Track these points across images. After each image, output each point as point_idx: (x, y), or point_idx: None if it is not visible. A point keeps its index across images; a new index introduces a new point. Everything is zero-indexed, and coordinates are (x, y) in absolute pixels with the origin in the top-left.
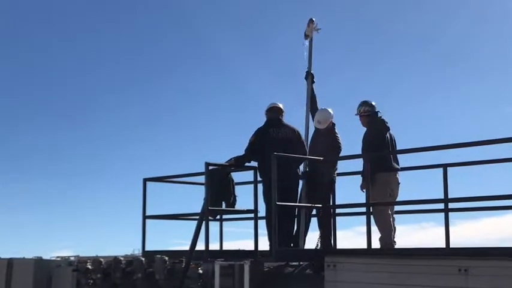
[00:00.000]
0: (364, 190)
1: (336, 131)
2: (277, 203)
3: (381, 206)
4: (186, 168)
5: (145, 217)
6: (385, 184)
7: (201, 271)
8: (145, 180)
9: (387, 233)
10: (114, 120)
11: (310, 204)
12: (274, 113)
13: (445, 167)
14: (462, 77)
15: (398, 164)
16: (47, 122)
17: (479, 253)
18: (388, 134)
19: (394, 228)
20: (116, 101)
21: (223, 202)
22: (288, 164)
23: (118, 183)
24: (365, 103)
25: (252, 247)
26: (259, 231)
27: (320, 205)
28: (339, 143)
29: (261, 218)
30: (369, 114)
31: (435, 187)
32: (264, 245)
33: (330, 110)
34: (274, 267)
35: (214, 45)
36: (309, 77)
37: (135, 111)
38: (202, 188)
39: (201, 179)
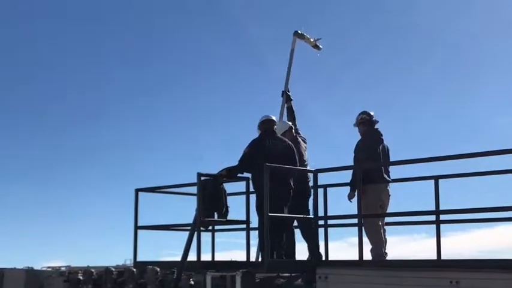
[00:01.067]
0: (351, 200)
1: (299, 140)
2: (270, 214)
3: (372, 218)
4: (179, 179)
5: (137, 227)
6: (375, 195)
7: (192, 282)
8: (137, 191)
9: (378, 245)
10: (105, 129)
11: (303, 216)
12: (268, 125)
13: (436, 178)
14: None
15: (389, 176)
16: (36, 132)
17: (471, 265)
18: (381, 146)
19: (385, 239)
20: (110, 111)
21: (215, 213)
22: (283, 176)
23: (109, 194)
24: (363, 112)
25: (244, 258)
26: (251, 242)
27: (311, 217)
28: (297, 154)
29: (253, 229)
30: (365, 122)
31: (427, 199)
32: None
33: (283, 121)
34: (265, 278)
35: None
36: (284, 95)
37: (128, 120)
38: (195, 198)
39: (194, 189)
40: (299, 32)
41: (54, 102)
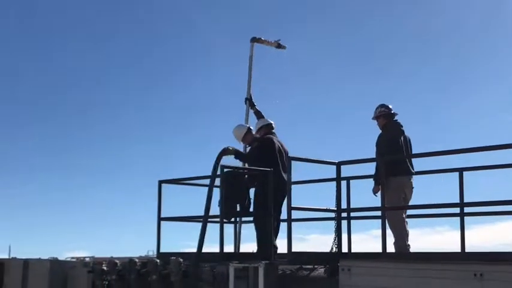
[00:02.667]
0: (376, 194)
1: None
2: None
3: (395, 211)
4: (202, 170)
5: (160, 219)
6: (398, 188)
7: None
8: (160, 182)
9: (402, 238)
10: (130, 120)
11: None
12: (269, 128)
13: (460, 171)
14: (478, 81)
15: (413, 168)
16: (62, 122)
17: (495, 258)
18: (402, 138)
19: (407, 232)
20: (133, 101)
21: (237, 205)
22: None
23: (133, 185)
24: (382, 105)
25: None
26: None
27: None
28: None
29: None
30: (384, 114)
31: (449, 191)
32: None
33: (240, 124)
34: (288, 270)
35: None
36: (248, 102)
37: (151, 112)
38: (217, 190)
39: (217, 181)
40: (256, 37)
41: (77, 92)
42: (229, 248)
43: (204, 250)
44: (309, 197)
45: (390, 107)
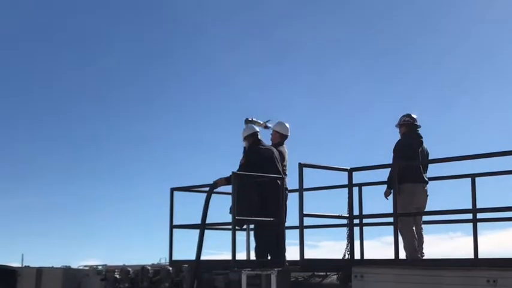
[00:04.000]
0: (388, 198)
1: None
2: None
3: (405, 217)
4: (214, 177)
5: (172, 226)
6: (411, 195)
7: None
8: (172, 190)
9: (411, 243)
10: (142, 128)
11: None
12: (256, 137)
13: (473, 177)
14: (489, 83)
15: (426, 177)
16: (71, 128)
17: (509, 264)
18: (420, 148)
19: (422, 238)
20: (145, 109)
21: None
22: (274, 180)
23: (145, 193)
24: (407, 115)
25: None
26: (287, 240)
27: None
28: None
29: (288, 227)
30: (407, 124)
31: (462, 197)
32: (290, 255)
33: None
34: (301, 277)
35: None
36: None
37: (163, 119)
38: (230, 197)
39: (228, 188)
40: (249, 119)
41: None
42: (241, 255)
43: (217, 257)
44: (321, 204)
45: (415, 117)
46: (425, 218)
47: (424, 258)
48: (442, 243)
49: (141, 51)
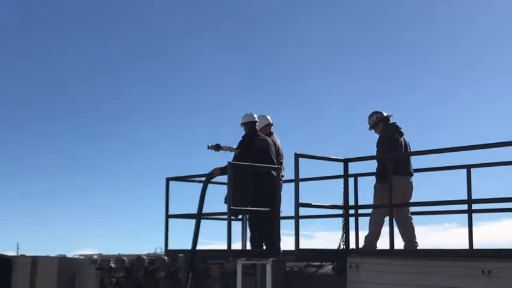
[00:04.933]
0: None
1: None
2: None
3: (379, 209)
4: (210, 167)
5: (168, 216)
6: (399, 187)
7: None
8: (168, 180)
9: (374, 235)
10: (137, 117)
11: (333, 205)
12: (253, 126)
13: (468, 168)
14: (485, 77)
15: (412, 169)
16: (68, 120)
17: (503, 254)
18: (402, 139)
19: (413, 228)
20: (140, 99)
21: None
22: (268, 171)
23: (140, 182)
24: (374, 113)
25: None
26: (282, 230)
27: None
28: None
29: (284, 218)
30: (381, 120)
31: (457, 188)
32: (286, 245)
33: (264, 116)
34: (296, 267)
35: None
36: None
37: (158, 109)
38: (225, 188)
39: (224, 178)
40: (211, 145)
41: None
42: (236, 245)
43: (212, 247)
44: (316, 194)
45: (381, 113)
46: (419, 209)
47: (418, 248)
48: (438, 234)
49: (140, 42)
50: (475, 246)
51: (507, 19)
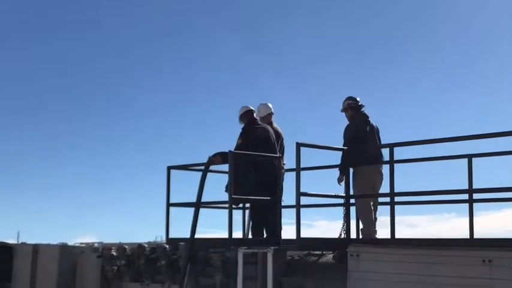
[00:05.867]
0: (340, 184)
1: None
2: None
3: (363, 200)
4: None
5: (169, 205)
6: (366, 177)
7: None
8: (169, 168)
9: (369, 225)
10: (137, 107)
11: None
12: (251, 115)
13: (470, 157)
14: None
15: (382, 157)
16: (68, 109)
17: (504, 244)
18: (368, 128)
19: (376, 218)
20: (144, 86)
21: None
22: (270, 159)
23: (141, 171)
24: (349, 97)
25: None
26: (284, 220)
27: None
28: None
29: (285, 206)
30: (352, 107)
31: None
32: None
33: (265, 104)
34: (297, 256)
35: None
36: None
37: (159, 98)
38: (226, 176)
39: (225, 167)
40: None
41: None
42: (237, 234)
43: (213, 236)
44: (318, 184)
45: (358, 99)
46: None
47: (420, 237)
48: (437, 224)
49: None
50: (475, 236)
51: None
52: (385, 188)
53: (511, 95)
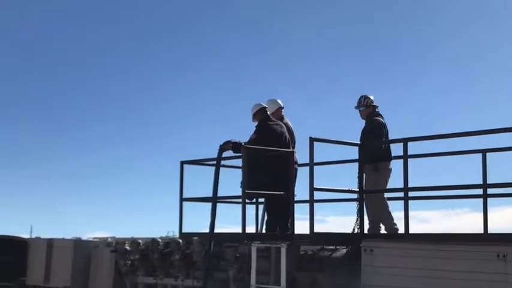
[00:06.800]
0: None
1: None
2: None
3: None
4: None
5: (182, 199)
6: (387, 171)
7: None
8: (182, 163)
9: (377, 220)
10: (151, 102)
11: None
12: (265, 112)
13: (484, 152)
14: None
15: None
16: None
17: None
18: (385, 130)
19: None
20: (158, 81)
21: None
22: (284, 154)
23: (155, 166)
24: (366, 97)
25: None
26: (296, 215)
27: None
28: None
29: (298, 202)
30: (369, 105)
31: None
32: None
33: (274, 100)
34: (310, 251)
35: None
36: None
37: (171, 92)
38: (240, 171)
39: (239, 162)
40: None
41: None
42: (251, 228)
43: (227, 231)
44: (331, 179)
45: (372, 98)
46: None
47: (434, 232)
48: (450, 219)
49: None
50: (489, 231)
51: None
52: (396, 183)
53: None
